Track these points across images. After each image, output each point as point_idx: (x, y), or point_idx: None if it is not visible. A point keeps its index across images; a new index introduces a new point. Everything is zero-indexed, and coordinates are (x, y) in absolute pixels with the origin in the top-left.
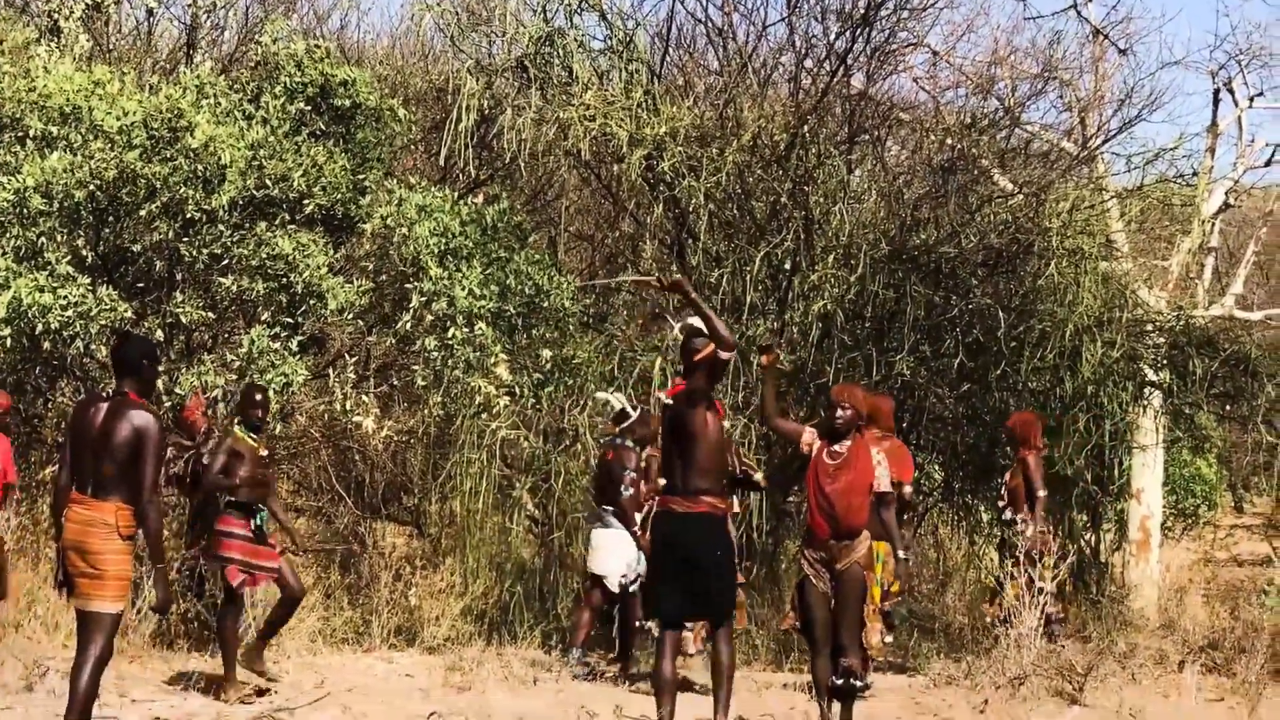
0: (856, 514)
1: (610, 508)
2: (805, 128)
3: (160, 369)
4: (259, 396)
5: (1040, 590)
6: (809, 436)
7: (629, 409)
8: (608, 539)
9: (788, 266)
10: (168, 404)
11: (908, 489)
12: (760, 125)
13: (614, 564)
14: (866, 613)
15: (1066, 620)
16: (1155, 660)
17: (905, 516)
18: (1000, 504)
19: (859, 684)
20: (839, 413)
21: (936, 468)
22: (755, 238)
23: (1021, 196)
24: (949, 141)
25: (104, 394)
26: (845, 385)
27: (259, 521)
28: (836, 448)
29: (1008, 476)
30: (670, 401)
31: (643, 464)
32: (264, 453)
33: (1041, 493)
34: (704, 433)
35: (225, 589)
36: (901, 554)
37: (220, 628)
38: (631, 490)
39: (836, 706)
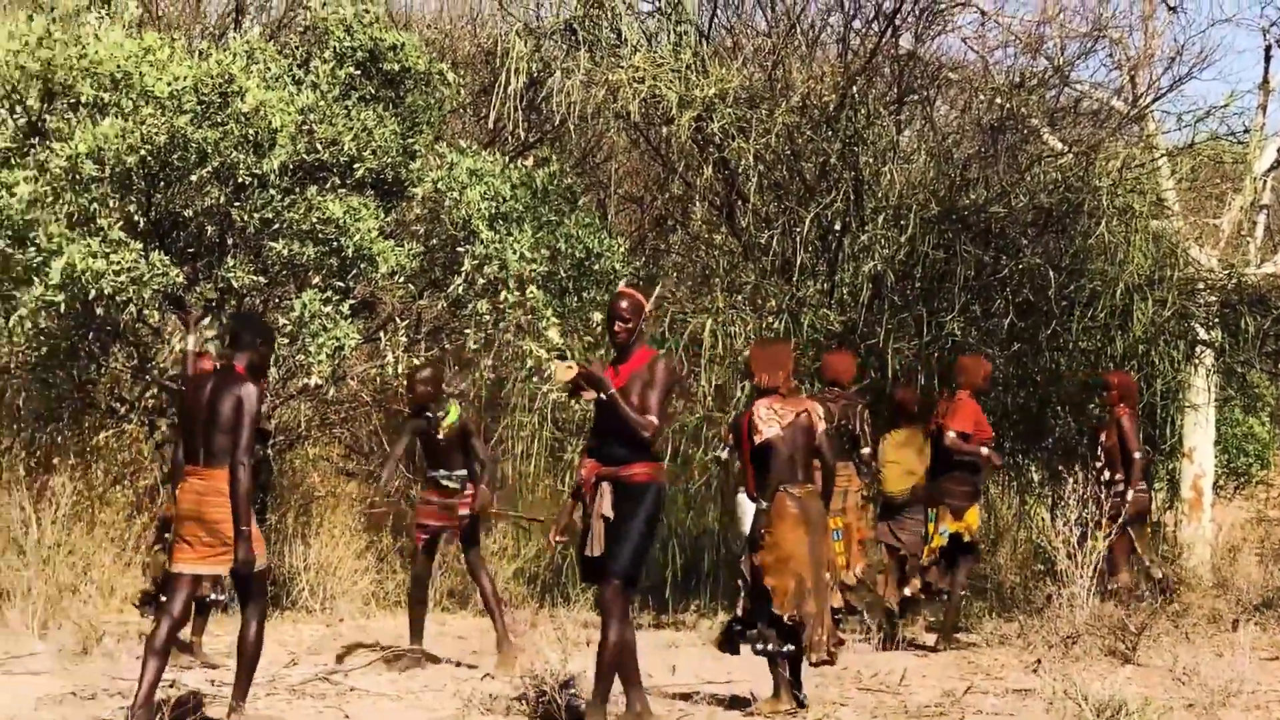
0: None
1: None
2: (854, 88)
3: (273, 349)
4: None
5: (1135, 552)
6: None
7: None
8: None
9: (838, 227)
10: (220, 368)
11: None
12: (809, 86)
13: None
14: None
15: (1167, 584)
16: (1209, 619)
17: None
18: (1098, 465)
19: None
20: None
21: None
22: (805, 199)
23: (1071, 155)
24: (998, 101)
25: (215, 368)
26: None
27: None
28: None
29: (1103, 436)
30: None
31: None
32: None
33: (1138, 454)
34: None
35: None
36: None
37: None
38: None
39: None
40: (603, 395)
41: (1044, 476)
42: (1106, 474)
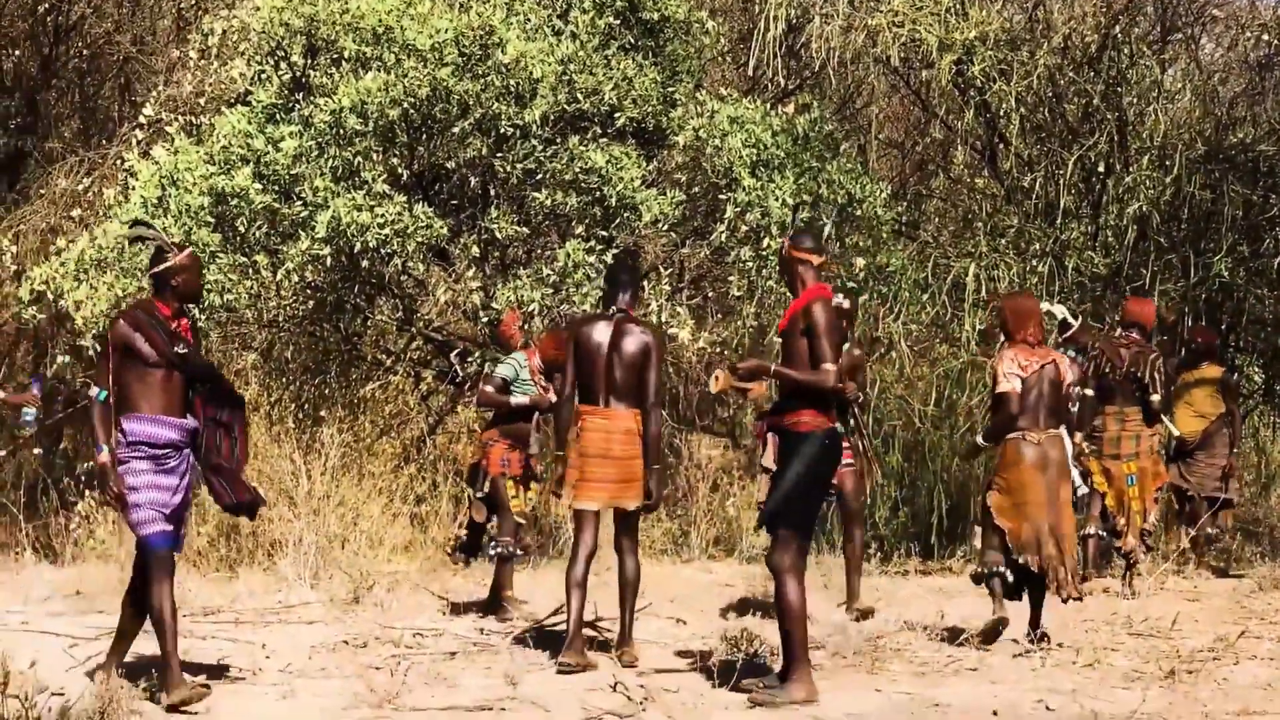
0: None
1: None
2: (1117, 28)
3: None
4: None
5: None
6: None
7: (1070, 319)
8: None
9: (1101, 169)
10: (485, 319)
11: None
12: (1070, 27)
13: None
14: None
15: None
16: None
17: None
18: None
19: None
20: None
21: (1257, 370)
22: (1067, 141)
23: None
24: (1265, 37)
25: (609, 314)
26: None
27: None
28: None
29: None
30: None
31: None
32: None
33: None
34: None
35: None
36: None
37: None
38: (1076, 407)
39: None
40: (769, 378)
41: None
42: None
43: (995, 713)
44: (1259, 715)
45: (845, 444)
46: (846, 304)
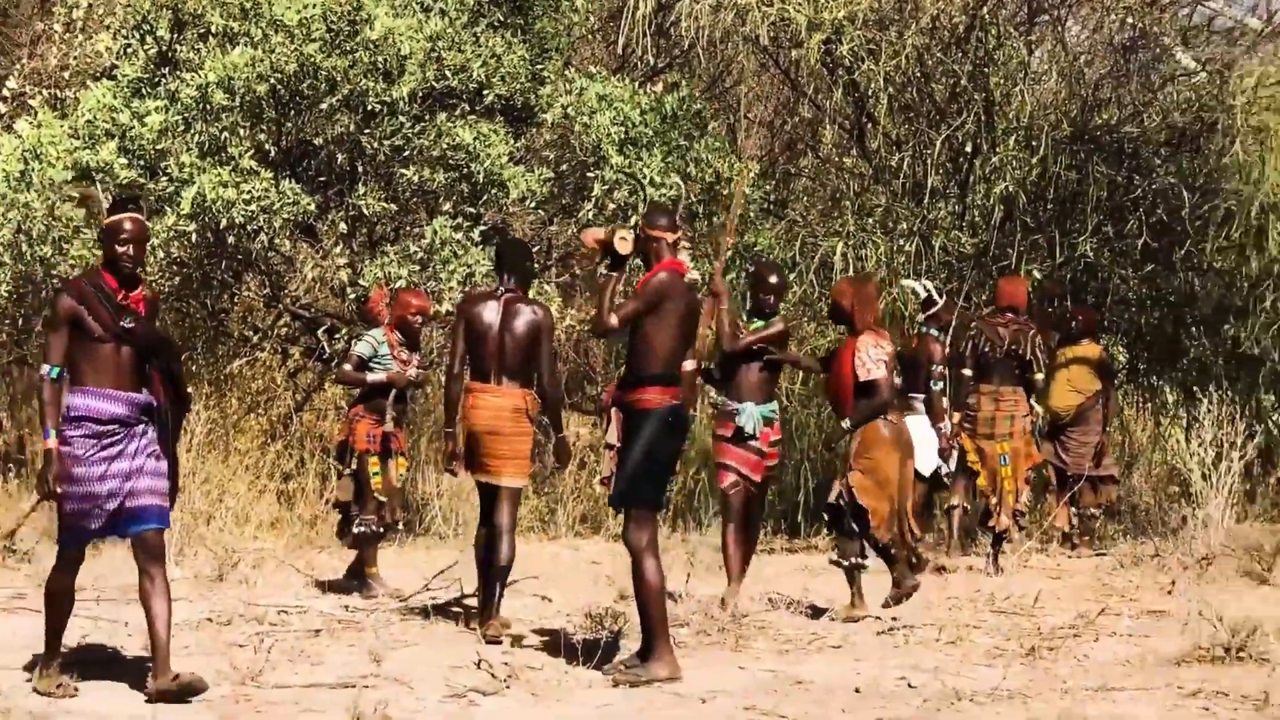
0: (838, 410)
1: (918, 395)
2: (984, 9)
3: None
4: (774, 279)
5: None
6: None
7: (935, 296)
8: (915, 427)
9: (968, 149)
10: (352, 296)
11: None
12: (939, 8)
13: (921, 453)
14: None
15: None
16: None
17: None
18: None
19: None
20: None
21: (1121, 349)
22: (935, 121)
23: (1204, 74)
24: (1130, 20)
25: (496, 292)
26: (843, 280)
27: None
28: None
29: None
30: None
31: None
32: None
33: None
34: None
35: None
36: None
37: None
38: (940, 384)
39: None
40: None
41: (1179, 398)
42: None
43: (858, 690)
44: (1118, 691)
45: (775, 440)
46: (714, 281)
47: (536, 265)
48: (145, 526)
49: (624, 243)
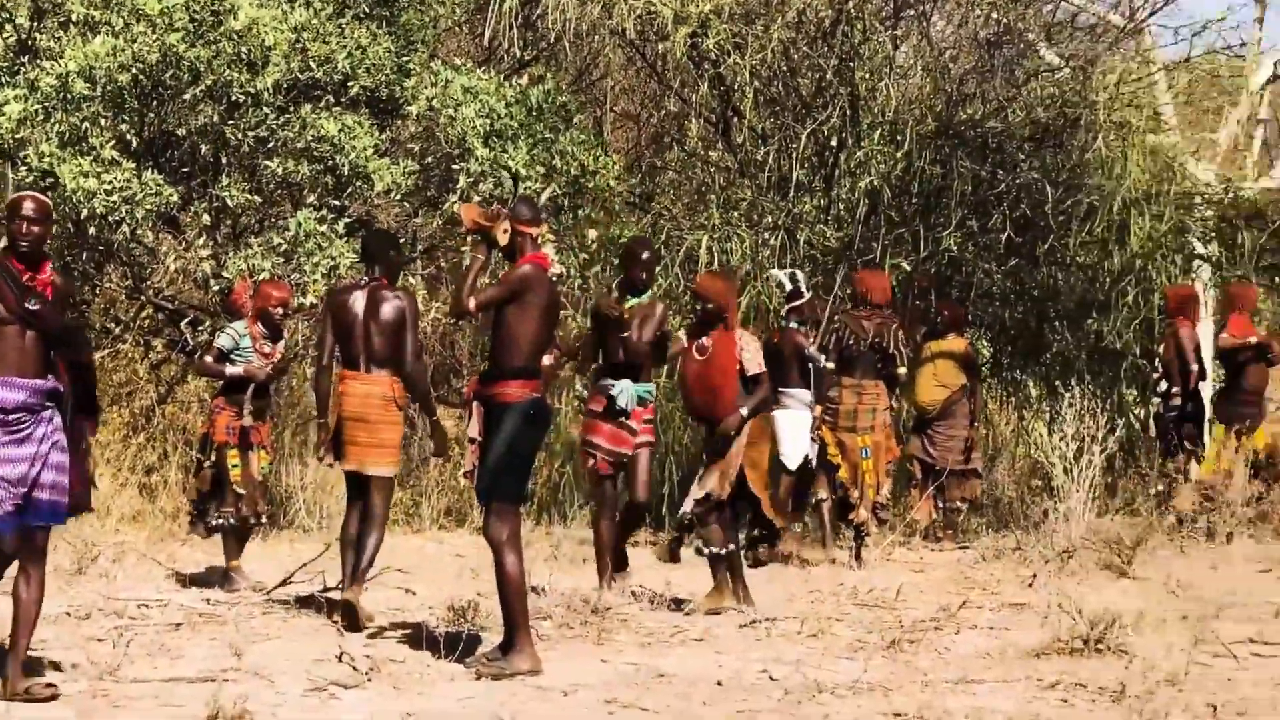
0: (718, 404)
1: (787, 390)
2: (850, 3)
3: (403, 256)
4: (645, 254)
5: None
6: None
7: (802, 288)
8: (785, 420)
9: (834, 143)
10: (215, 288)
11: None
12: (805, 2)
13: (791, 445)
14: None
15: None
16: (1204, 534)
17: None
18: (1155, 377)
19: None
20: (702, 306)
21: (985, 344)
22: (801, 115)
23: (1068, 70)
24: (994, 16)
25: (361, 283)
26: (709, 276)
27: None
28: (703, 340)
29: (1161, 349)
30: None
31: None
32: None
33: (1194, 366)
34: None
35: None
36: None
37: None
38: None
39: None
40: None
41: (1042, 392)
42: (1163, 385)
43: (720, 682)
44: (977, 683)
45: (648, 419)
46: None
47: (402, 257)
48: (35, 521)
49: (504, 235)
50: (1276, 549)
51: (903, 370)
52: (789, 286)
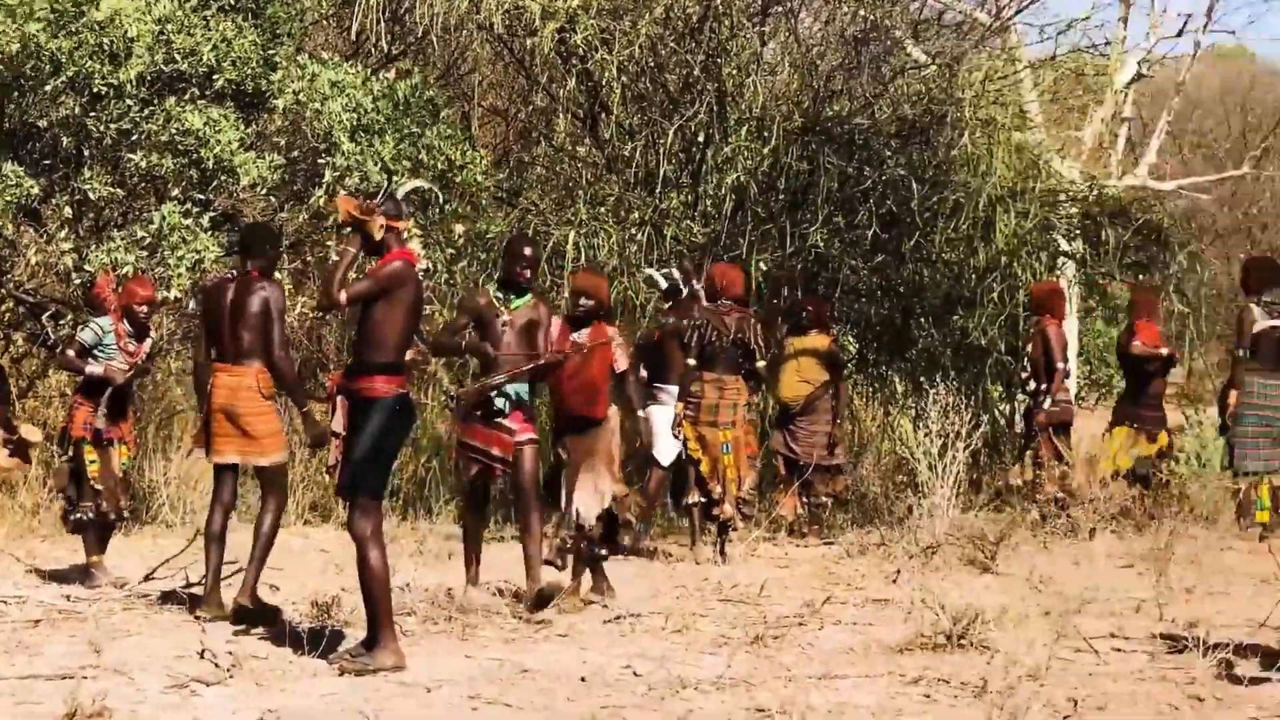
0: (597, 402)
1: (664, 386)
2: (718, 0)
3: (281, 250)
4: (528, 250)
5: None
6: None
7: (681, 285)
8: (660, 417)
9: (701, 139)
10: (78, 281)
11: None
12: None
13: (665, 443)
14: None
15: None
16: (1067, 529)
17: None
18: (1023, 375)
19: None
20: (580, 302)
21: (851, 340)
22: (669, 111)
23: (934, 67)
24: (861, 12)
25: (229, 276)
26: (587, 273)
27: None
28: (576, 337)
29: (1029, 347)
30: None
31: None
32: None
33: (1060, 364)
34: None
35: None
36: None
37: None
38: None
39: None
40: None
41: (907, 388)
42: (1031, 384)
43: (583, 678)
44: (840, 679)
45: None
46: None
47: (279, 252)
48: None
49: (380, 229)
50: (1138, 545)
51: (761, 365)
52: (664, 285)
